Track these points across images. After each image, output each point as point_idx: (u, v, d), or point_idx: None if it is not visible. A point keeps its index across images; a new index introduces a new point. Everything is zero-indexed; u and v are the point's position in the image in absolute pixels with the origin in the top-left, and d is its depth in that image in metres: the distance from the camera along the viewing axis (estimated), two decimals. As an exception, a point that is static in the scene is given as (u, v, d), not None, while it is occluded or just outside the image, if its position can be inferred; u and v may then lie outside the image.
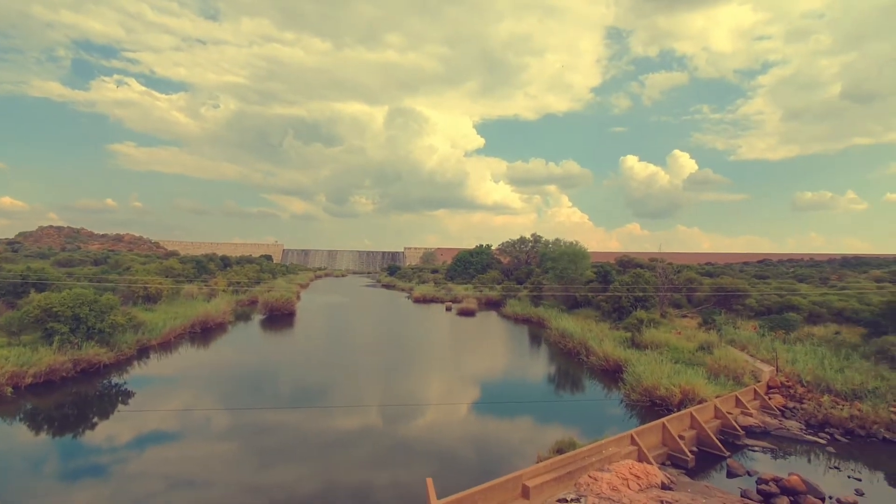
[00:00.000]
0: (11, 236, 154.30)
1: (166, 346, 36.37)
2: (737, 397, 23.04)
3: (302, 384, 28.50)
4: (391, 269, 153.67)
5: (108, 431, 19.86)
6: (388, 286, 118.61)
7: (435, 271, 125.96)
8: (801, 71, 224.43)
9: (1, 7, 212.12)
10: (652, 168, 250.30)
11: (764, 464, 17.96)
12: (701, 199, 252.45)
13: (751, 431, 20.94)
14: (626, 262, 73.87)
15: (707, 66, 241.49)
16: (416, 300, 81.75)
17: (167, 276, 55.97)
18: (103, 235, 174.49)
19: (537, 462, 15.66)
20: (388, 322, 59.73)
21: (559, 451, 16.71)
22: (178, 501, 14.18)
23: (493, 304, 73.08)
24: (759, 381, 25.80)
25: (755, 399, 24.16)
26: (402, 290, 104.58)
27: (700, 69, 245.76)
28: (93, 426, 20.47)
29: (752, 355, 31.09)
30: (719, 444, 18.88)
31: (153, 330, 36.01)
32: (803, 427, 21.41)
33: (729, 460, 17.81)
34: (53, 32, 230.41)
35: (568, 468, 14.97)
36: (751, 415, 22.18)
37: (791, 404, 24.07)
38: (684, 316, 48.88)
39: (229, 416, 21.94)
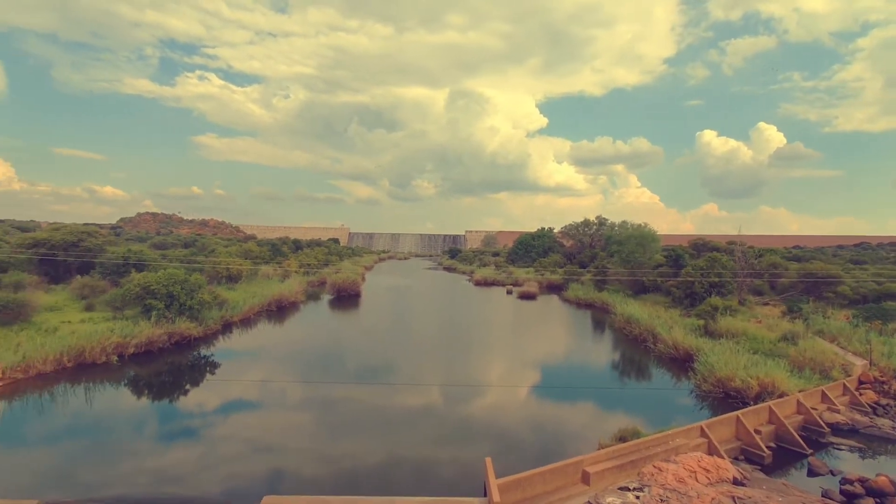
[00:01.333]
0: (114, 222, 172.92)
1: (246, 322, 39.42)
2: (823, 392, 21.20)
3: (367, 361, 29.83)
4: (452, 252, 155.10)
5: (197, 397, 22.03)
6: (448, 269, 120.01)
7: (496, 254, 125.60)
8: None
9: (90, 8, 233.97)
10: (732, 143, 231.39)
11: (850, 463, 16.51)
12: (789, 175, 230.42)
13: (837, 429, 19.24)
14: (701, 246, 69.40)
15: (798, 28, 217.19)
16: (477, 283, 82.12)
17: (246, 258, 60.30)
18: (191, 220, 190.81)
19: (598, 449, 15.44)
20: (448, 304, 60.64)
21: (622, 439, 16.36)
22: (259, 464, 15.53)
23: (554, 288, 71.80)
24: (849, 376, 23.58)
25: (844, 395, 22.10)
26: (463, 272, 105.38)
27: (790, 32, 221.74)
28: (185, 392, 22.79)
29: (842, 347, 28.41)
30: (800, 440, 17.55)
31: (235, 307, 39.09)
32: (902, 428, 19.33)
33: (810, 458, 16.53)
34: (141, 32, 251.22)
35: (631, 457, 14.63)
36: (838, 411, 20.34)
37: (885, 401, 21.85)
38: (766, 304, 45.35)
39: (302, 389, 23.52)
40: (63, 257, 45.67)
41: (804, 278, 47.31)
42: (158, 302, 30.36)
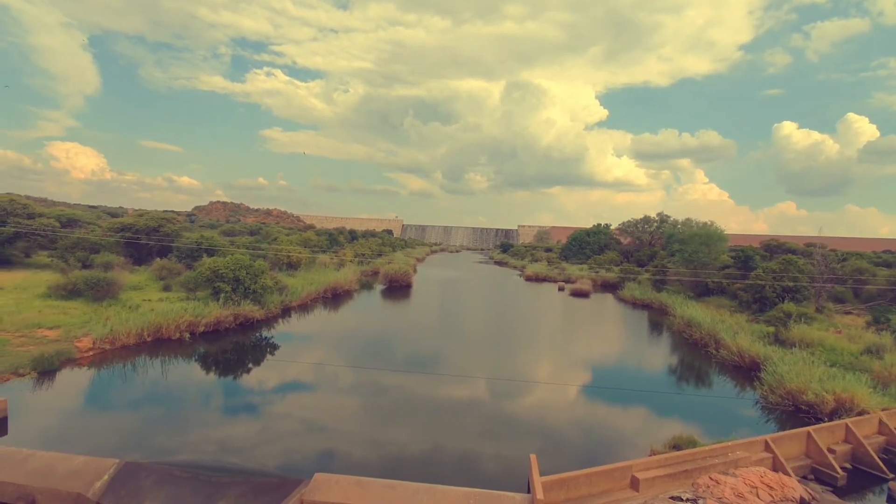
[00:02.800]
0: (189, 209, 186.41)
1: (304, 307, 41.29)
2: (913, 414, 19.10)
3: (416, 350, 30.37)
4: (504, 247, 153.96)
5: (258, 375, 23.41)
6: (500, 263, 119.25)
7: (548, 250, 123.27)
8: None
9: (173, 10, 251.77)
10: (816, 136, 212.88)
11: (946, 496, 14.78)
12: (882, 172, 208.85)
13: (930, 456, 17.29)
14: (775, 247, 64.56)
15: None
16: (528, 278, 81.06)
17: (305, 247, 63.03)
18: (257, 210, 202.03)
19: (650, 455, 14.85)
20: (498, 298, 60.33)
21: (676, 447, 15.63)
22: (311, 443, 16.30)
23: (609, 287, 69.45)
24: (948, 398, 21.04)
25: (941, 418, 19.79)
26: (514, 267, 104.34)
27: (886, 13, 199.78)
28: (247, 370, 24.28)
29: (941, 366, 25.36)
30: (881, 463, 15.96)
31: (294, 293, 41.01)
32: None
33: (891, 483, 14.98)
34: (216, 32, 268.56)
35: (685, 466, 13.96)
36: (932, 436, 18.26)
37: None
38: (848, 312, 41.43)
39: (353, 373, 24.35)
40: (145, 241, 49.90)
41: (895, 286, 42.71)
42: (226, 285, 32.44)
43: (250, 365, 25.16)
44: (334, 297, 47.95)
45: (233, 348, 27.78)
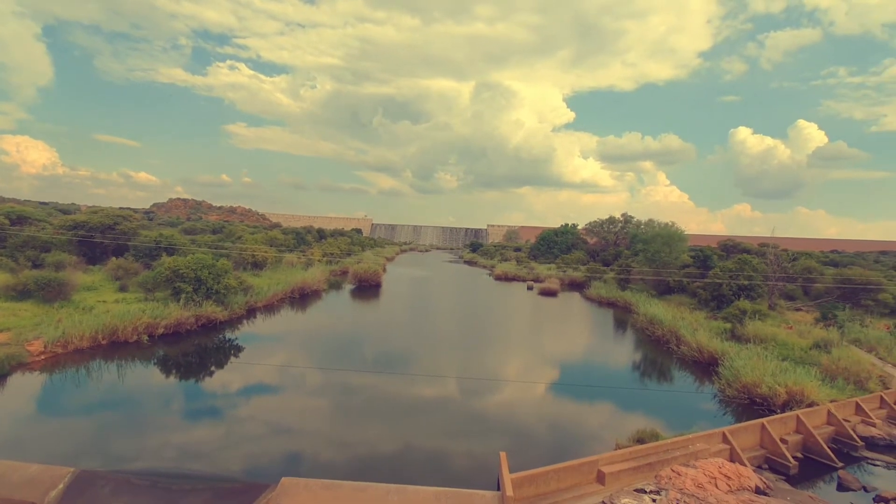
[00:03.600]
0: (147, 207, 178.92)
1: (270, 308, 40.29)
2: (857, 403, 20.34)
3: (385, 351, 30.13)
4: (474, 246, 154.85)
5: (221, 378, 22.68)
6: (469, 262, 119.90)
7: (518, 249, 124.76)
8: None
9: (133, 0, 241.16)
10: (769, 141, 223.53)
11: (886, 480, 15.79)
12: (830, 176, 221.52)
13: (872, 443, 18.44)
14: (731, 247, 67.44)
15: (847, 20, 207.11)
16: (498, 278, 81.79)
17: (271, 246, 61.55)
18: (220, 207, 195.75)
19: (615, 449, 15.23)
20: (468, 297, 60.63)
21: (640, 440, 16.09)
22: (278, 446, 15.91)
23: (576, 286, 70.91)
24: (888, 388, 22.54)
25: (881, 407, 21.15)
26: (484, 267, 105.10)
27: (837, 24, 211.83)
28: (210, 373, 23.48)
29: (881, 358, 27.20)
30: (830, 452, 16.91)
31: (259, 293, 39.98)
32: (943, 445, 18.39)
33: (840, 472, 15.91)
34: (176, 23, 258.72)
35: (648, 459, 14.38)
36: (874, 424, 19.49)
37: (929, 418, 20.73)
38: (798, 309, 43.75)
39: (321, 375, 23.93)
40: (100, 239, 47.52)
41: (841, 284, 45.40)
42: (187, 285, 31.28)
43: (213, 368, 24.35)
44: (302, 298, 47.02)
45: (194, 351, 26.81)
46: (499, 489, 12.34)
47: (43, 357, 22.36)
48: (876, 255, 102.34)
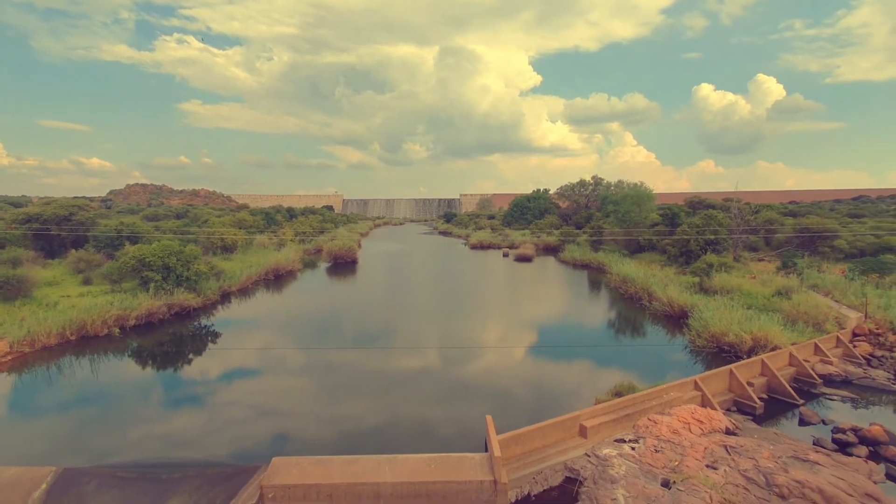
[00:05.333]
0: (104, 194, 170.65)
1: (245, 291, 39.58)
2: (816, 345, 21.69)
3: (366, 326, 30.18)
4: (448, 217, 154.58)
5: (201, 366, 22.35)
6: (444, 233, 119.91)
7: (491, 217, 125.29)
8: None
9: None
10: (730, 97, 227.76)
11: (842, 413, 17.06)
12: (788, 129, 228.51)
13: (830, 380, 19.80)
14: (697, 204, 69.37)
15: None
16: (473, 247, 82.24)
17: (240, 228, 59.90)
18: (181, 191, 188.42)
19: (595, 404, 15.86)
20: (445, 268, 60.91)
21: (618, 394, 16.79)
22: (263, 426, 15.93)
23: (550, 250, 72.06)
24: (843, 329, 24.05)
25: (837, 347, 22.63)
26: (459, 236, 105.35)
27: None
28: (189, 361, 23.09)
29: (837, 301, 28.86)
30: (792, 391, 18.09)
31: (232, 277, 39.13)
32: (892, 377, 19.90)
33: (802, 409, 17.08)
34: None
35: (626, 411, 15.06)
36: (831, 363, 20.89)
37: (879, 353, 22.36)
38: (761, 260, 45.73)
39: (302, 354, 23.87)
40: (56, 231, 45.25)
41: (800, 233, 47.55)
42: (155, 274, 30.31)
43: (191, 355, 23.93)
44: (277, 279, 46.31)
45: (170, 340, 26.24)
46: (487, 450, 12.75)
47: (10, 357, 21.53)
48: (831, 204, 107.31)
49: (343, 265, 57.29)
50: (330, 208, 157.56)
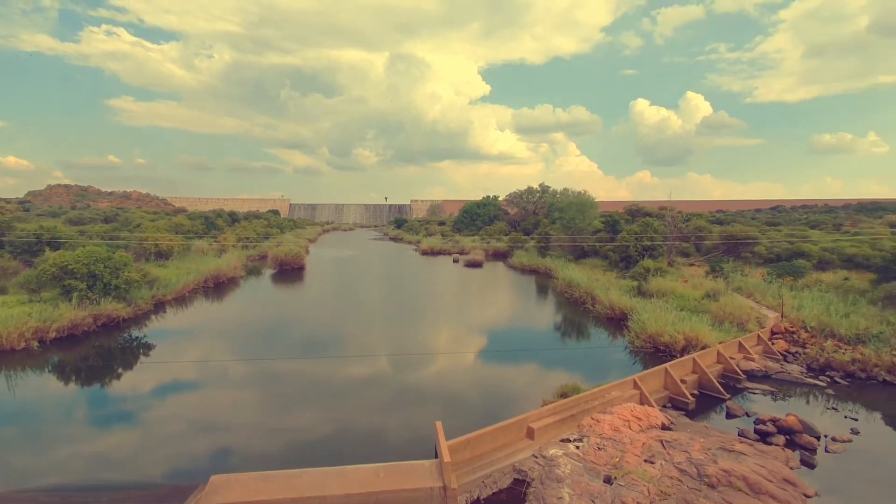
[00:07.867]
0: (21, 195, 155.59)
1: (181, 300, 37.37)
2: (740, 343, 23.45)
3: (313, 335, 29.36)
4: (398, 222, 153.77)
5: (132, 381, 20.82)
6: (395, 239, 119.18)
7: (442, 223, 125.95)
8: (826, 3, 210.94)
9: None
10: (664, 112, 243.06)
11: (763, 405, 18.54)
12: (714, 144, 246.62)
13: (752, 375, 21.47)
14: (635, 211, 73.14)
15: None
16: (424, 252, 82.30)
17: (177, 233, 56.57)
18: (111, 193, 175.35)
19: (542, 406, 16.29)
20: (395, 274, 60.51)
21: (563, 395, 17.32)
22: (202, 443, 15.07)
23: (500, 256, 73.45)
24: (763, 328, 26.15)
25: (758, 344, 24.58)
26: (410, 242, 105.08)
27: (717, 2, 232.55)
28: (118, 376, 21.44)
29: (758, 302, 31.35)
30: (720, 387, 19.44)
31: (167, 285, 36.85)
32: (804, 371, 21.87)
33: (728, 402, 18.40)
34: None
35: (571, 411, 15.58)
36: (753, 359, 22.65)
37: (794, 349, 24.46)
38: (692, 265, 48.90)
39: (245, 366, 22.83)
40: (-40, 236, 40.72)
41: (725, 240, 51.33)
42: (79, 282, 28.00)
43: (120, 370, 22.25)
44: (217, 287, 44.10)
45: (96, 353, 24.27)
46: (437, 457, 12.75)
47: None
48: (752, 213, 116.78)
49: (290, 272, 55.50)
50: (276, 213, 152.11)
